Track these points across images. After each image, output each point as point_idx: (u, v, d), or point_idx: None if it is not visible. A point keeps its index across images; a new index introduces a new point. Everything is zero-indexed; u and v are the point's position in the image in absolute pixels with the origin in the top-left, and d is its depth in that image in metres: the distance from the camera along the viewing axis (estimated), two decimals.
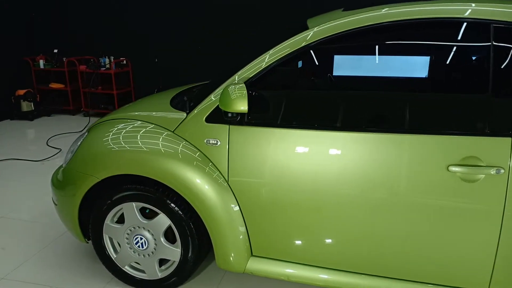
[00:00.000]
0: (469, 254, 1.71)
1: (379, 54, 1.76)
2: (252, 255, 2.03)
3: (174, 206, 2.01)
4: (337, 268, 1.92)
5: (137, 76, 6.42)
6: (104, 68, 6.10)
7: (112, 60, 6.16)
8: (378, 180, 1.73)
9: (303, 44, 1.80)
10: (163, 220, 2.06)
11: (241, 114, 1.89)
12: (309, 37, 1.81)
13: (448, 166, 1.64)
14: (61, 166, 2.42)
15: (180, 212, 2.01)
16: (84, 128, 5.65)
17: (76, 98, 6.58)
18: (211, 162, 1.96)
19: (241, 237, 1.97)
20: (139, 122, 2.14)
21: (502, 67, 1.62)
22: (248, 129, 1.90)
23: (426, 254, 1.75)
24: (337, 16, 1.86)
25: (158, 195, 2.01)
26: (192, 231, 2.04)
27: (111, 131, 2.14)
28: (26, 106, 6.15)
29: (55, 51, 6.43)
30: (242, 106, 1.75)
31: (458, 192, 1.65)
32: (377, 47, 1.76)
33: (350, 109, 1.79)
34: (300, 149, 1.81)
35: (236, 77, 1.93)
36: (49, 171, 4.03)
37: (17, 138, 5.23)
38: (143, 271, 2.23)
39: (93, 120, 6.12)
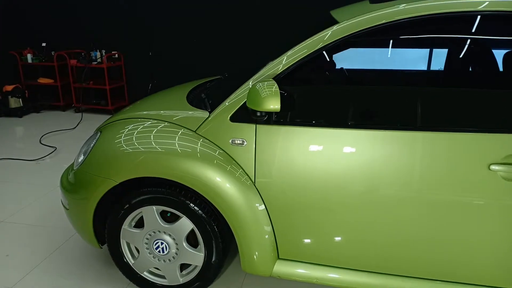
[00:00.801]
0: (510, 254, 1.67)
1: (417, 48, 1.70)
2: (278, 258, 1.97)
3: (198, 209, 1.92)
4: (370, 270, 1.87)
5: (130, 70, 6.24)
6: (95, 62, 5.90)
7: (104, 53, 5.96)
8: (417, 179, 1.68)
9: (337, 38, 1.72)
10: (185, 224, 1.97)
11: (269, 113, 1.81)
12: (343, 30, 1.73)
13: (490, 165, 1.60)
14: (70, 168, 2.30)
15: (204, 215, 1.92)
16: (77, 125, 5.47)
17: (66, 93, 6.36)
18: (236, 162, 1.88)
19: (267, 238, 1.89)
20: (159, 122, 2.04)
21: None
22: (276, 129, 1.82)
23: (465, 254, 1.71)
24: (366, 9, 1.79)
25: (181, 198, 1.92)
26: (217, 234, 1.95)
27: (131, 131, 2.02)
28: (14, 102, 5.91)
29: (43, 44, 6.19)
30: (274, 104, 1.67)
31: (499, 191, 1.60)
32: (416, 40, 1.69)
33: (387, 107, 1.72)
34: (332, 149, 1.74)
35: (262, 73, 1.84)
36: (45, 171, 3.87)
37: (7, 136, 5.02)
38: (163, 277, 2.14)
39: (86, 116, 5.93)
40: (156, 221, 2.00)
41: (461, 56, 1.68)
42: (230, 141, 1.88)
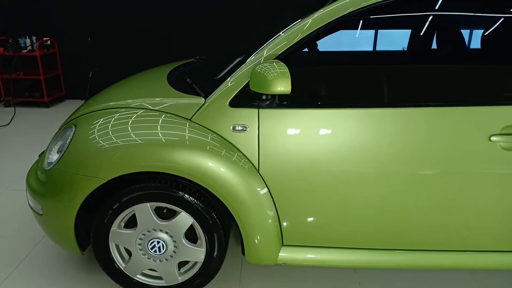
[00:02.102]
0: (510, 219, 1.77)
1: (413, 25, 1.71)
2: (283, 244, 1.92)
3: (199, 202, 1.80)
4: (378, 247, 1.89)
5: (66, 58, 5.71)
6: (25, 50, 5.30)
7: (34, 40, 5.37)
8: (422, 154, 1.71)
9: (346, 12, 1.67)
10: (184, 219, 1.83)
11: (273, 97, 1.73)
12: (353, 4, 1.68)
13: (490, 137, 1.68)
14: (37, 168, 2.03)
15: (204, 208, 1.80)
16: (11, 121, 4.90)
17: None
18: (239, 150, 1.78)
19: (273, 225, 1.83)
20: (147, 111, 1.85)
21: None
22: (280, 112, 1.74)
23: (466, 222, 1.80)
24: None
25: (179, 192, 1.78)
26: (219, 226, 1.85)
27: (118, 122, 1.82)
28: None
29: None
30: (284, 86, 1.59)
31: (499, 160, 1.69)
32: (422, 19, 1.70)
33: (392, 84, 1.73)
34: (340, 130, 1.71)
35: (261, 54, 1.75)
36: None
37: None
38: (159, 278, 1.99)
39: (19, 111, 5.33)
40: (151, 219, 1.84)
41: (457, 32, 1.73)
42: (231, 127, 1.77)
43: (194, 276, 1.95)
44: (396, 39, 1.73)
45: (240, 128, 1.77)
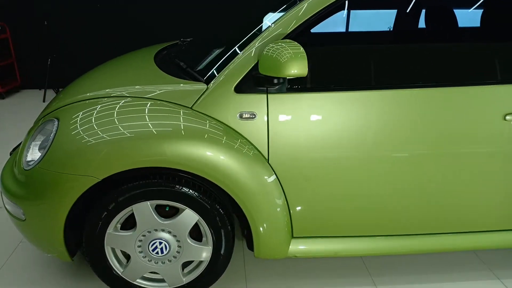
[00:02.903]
0: None
1: (435, 6, 1.63)
2: (292, 237, 1.82)
3: (204, 198, 1.66)
4: (388, 234, 1.84)
5: (20, 44, 5.23)
6: None
7: None
8: (436, 135, 1.66)
9: None
10: (189, 217, 1.68)
11: (283, 80, 1.60)
12: None
13: (505, 116, 1.65)
14: (12, 169, 1.80)
15: (210, 203, 1.67)
16: None
17: None
18: (246, 139, 1.64)
19: (283, 217, 1.72)
20: (142, 100, 1.67)
21: None
22: (291, 97, 1.62)
23: (480, 202, 1.78)
24: None
25: (183, 188, 1.63)
26: (225, 222, 1.72)
27: (110, 113, 1.62)
28: None
29: None
30: (299, 69, 1.46)
31: None
32: None
33: (410, 65, 1.65)
34: (358, 113, 1.62)
35: (271, 33, 1.61)
36: None
37: None
38: (162, 280, 1.83)
39: None
40: (152, 219, 1.67)
41: (474, 11, 1.68)
42: (237, 115, 1.63)
43: (199, 276, 1.81)
44: (409, 19, 1.64)
45: (248, 115, 1.63)
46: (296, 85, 1.62)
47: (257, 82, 1.61)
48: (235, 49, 1.74)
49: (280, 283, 1.97)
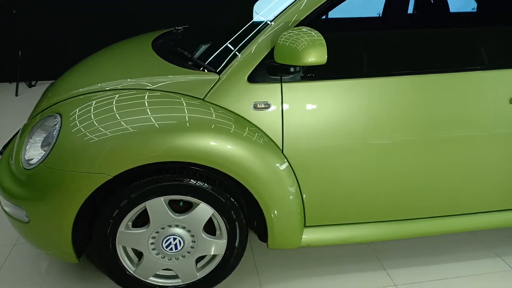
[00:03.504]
0: None
1: None
2: (305, 226, 1.82)
3: (219, 191, 1.62)
4: (396, 218, 1.86)
5: None
6: None
7: None
8: (446, 120, 1.69)
9: None
10: (204, 211, 1.64)
11: (299, 69, 1.57)
12: None
13: (511, 99, 1.69)
14: (9, 168, 1.69)
15: (225, 196, 1.63)
16: None
17: None
18: (261, 130, 1.61)
19: (296, 204, 1.71)
20: (151, 91, 1.60)
21: None
22: (305, 86, 1.60)
23: (484, 184, 1.83)
24: None
25: (198, 182, 1.58)
26: (240, 215, 1.69)
27: (111, 108, 1.55)
28: None
29: None
30: (318, 56, 1.44)
31: None
32: None
33: (420, 50, 1.66)
34: (373, 100, 1.62)
35: (284, 20, 1.57)
36: None
37: None
38: (175, 277, 1.79)
39: None
40: (166, 215, 1.62)
41: None
42: (251, 106, 1.60)
43: (213, 270, 1.78)
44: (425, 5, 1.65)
45: (262, 105, 1.60)
46: (310, 74, 1.60)
47: (271, 71, 1.58)
48: (244, 37, 1.70)
49: (292, 272, 1.98)
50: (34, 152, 1.64)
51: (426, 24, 1.74)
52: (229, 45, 1.73)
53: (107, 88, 1.66)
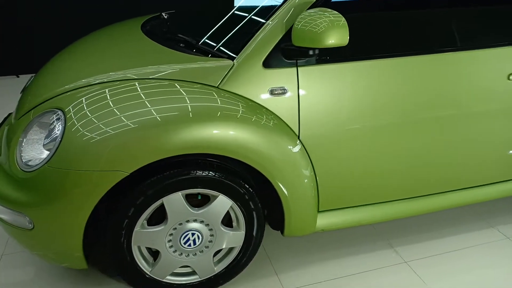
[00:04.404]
0: None
1: None
2: (318, 211, 1.81)
3: (237, 181, 1.57)
4: (408, 196, 1.90)
5: None
6: None
7: None
8: (450, 98, 1.74)
9: None
10: (222, 203, 1.59)
11: (310, 52, 1.53)
12: None
13: (509, 75, 1.77)
14: (8, 173, 1.53)
15: (242, 187, 1.58)
16: None
17: None
18: (277, 116, 1.57)
19: (313, 192, 1.70)
20: (159, 81, 1.50)
21: None
22: (322, 69, 1.58)
23: (485, 157, 1.91)
24: None
25: (217, 173, 1.52)
26: (258, 205, 1.65)
27: (121, 100, 1.44)
28: None
29: None
30: (339, 38, 1.42)
31: None
32: None
33: (427, 31, 1.69)
34: (391, 81, 1.63)
35: (293, 3, 1.53)
36: None
37: None
38: (192, 274, 1.72)
39: None
40: (185, 210, 1.55)
41: None
42: (268, 91, 1.55)
43: (231, 263, 1.74)
44: None
45: (279, 91, 1.56)
46: (325, 56, 1.58)
47: (287, 54, 1.54)
48: (253, 20, 1.64)
49: (304, 258, 1.97)
50: (32, 152, 1.49)
51: (426, 3, 1.76)
52: (239, 29, 1.67)
53: (112, 79, 1.54)
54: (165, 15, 2.37)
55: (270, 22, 1.55)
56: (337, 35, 1.40)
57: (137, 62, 1.65)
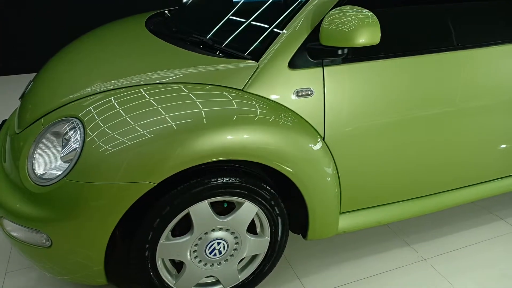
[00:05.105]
0: None
1: None
2: (340, 213, 1.79)
3: (265, 187, 1.52)
4: (429, 193, 1.90)
5: None
6: None
7: None
8: (471, 93, 1.75)
9: None
10: (248, 210, 1.53)
11: (339, 51, 1.49)
12: None
13: None
14: (8, 188, 1.43)
15: (269, 193, 1.53)
16: None
17: None
18: (303, 118, 1.53)
19: (337, 195, 1.67)
20: (184, 84, 1.43)
21: None
22: (347, 68, 1.54)
23: (500, 153, 1.93)
24: None
25: (243, 180, 1.46)
26: (283, 210, 1.61)
27: (144, 106, 1.36)
28: None
29: None
30: (373, 36, 1.38)
31: None
32: None
33: (460, 26, 1.70)
34: (418, 79, 1.62)
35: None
36: None
37: None
38: (215, 283, 1.65)
39: None
40: (211, 219, 1.48)
41: None
42: (294, 92, 1.50)
43: (255, 270, 1.69)
44: None
45: (304, 93, 1.51)
46: (351, 55, 1.54)
47: (313, 54, 1.49)
48: (273, 17, 1.59)
49: (323, 261, 1.94)
50: (47, 165, 1.39)
51: None
52: (258, 28, 1.60)
53: (131, 84, 1.45)
54: (169, 13, 2.27)
55: (295, 20, 1.49)
56: (368, 34, 1.37)
57: (153, 65, 1.56)
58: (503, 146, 1.93)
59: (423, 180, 1.84)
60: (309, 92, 1.51)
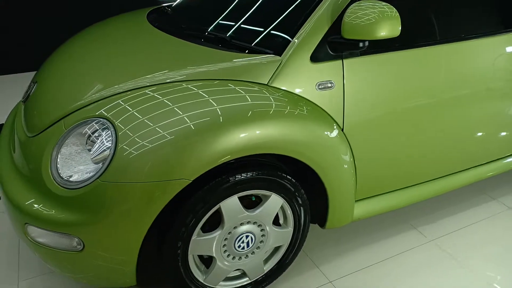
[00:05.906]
0: None
1: None
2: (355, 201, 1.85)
3: (289, 179, 1.55)
4: (437, 177, 1.99)
5: None
6: None
7: None
8: (481, 79, 1.86)
9: None
10: (274, 202, 1.56)
11: (360, 44, 1.54)
12: None
13: None
14: (31, 193, 1.39)
15: (293, 184, 1.57)
16: None
17: None
18: (324, 110, 1.57)
19: (353, 182, 1.72)
20: (211, 81, 1.43)
21: None
22: (365, 60, 1.59)
23: (501, 134, 2.05)
24: None
25: (270, 173, 1.49)
26: (306, 201, 1.65)
27: (173, 102, 1.35)
28: None
29: None
30: (393, 29, 1.43)
31: None
32: None
33: (474, 16, 1.80)
34: (428, 69, 1.69)
35: None
36: None
37: None
38: (242, 276, 1.67)
39: None
40: (241, 212, 1.50)
41: None
42: (316, 86, 1.53)
43: (280, 261, 1.72)
44: None
45: (325, 85, 1.55)
46: (369, 48, 1.59)
47: (334, 47, 1.53)
48: (293, 10, 1.61)
49: (338, 248, 2.00)
50: (73, 167, 1.36)
51: None
52: (279, 22, 1.62)
53: (156, 83, 1.43)
54: (169, 8, 2.23)
55: (316, 13, 1.52)
56: (389, 27, 1.42)
57: (174, 63, 1.54)
58: (503, 131, 2.05)
59: (432, 165, 1.93)
60: (330, 85, 1.55)
